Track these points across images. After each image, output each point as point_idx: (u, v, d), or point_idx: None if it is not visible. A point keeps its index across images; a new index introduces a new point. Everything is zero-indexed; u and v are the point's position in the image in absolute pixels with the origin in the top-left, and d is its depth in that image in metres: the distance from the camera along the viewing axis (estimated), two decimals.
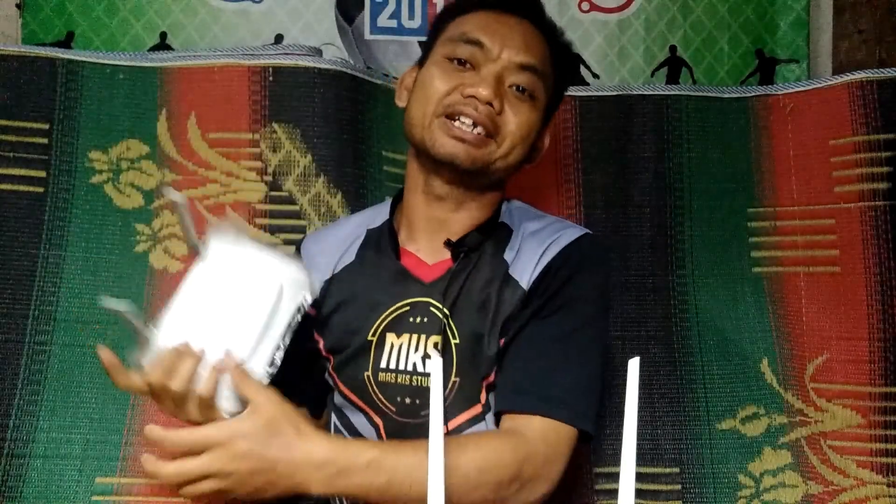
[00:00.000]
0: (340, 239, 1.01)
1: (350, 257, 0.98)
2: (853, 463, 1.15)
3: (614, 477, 1.18)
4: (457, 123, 0.87)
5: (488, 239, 0.93)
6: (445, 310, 0.89)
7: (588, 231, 0.97)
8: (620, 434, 0.52)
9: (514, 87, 0.90)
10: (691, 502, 1.17)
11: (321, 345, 0.97)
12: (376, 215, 1.02)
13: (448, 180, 0.92)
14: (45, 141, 1.18)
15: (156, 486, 1.11)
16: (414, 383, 0.89)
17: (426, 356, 0.89)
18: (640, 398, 0.52)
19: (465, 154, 0.87)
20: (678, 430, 1.19)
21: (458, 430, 0.89)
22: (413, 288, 0.92)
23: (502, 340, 0.88)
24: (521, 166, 0.96)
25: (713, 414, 1.20)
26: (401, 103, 0.98)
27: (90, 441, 1.11)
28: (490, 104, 0.87)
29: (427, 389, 0.87)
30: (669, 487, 1.17)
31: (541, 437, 0.81)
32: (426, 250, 0.95)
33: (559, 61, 0.97)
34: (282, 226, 1.20)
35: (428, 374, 0.87)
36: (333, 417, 1.01)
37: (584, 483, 1.18)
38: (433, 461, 0.46)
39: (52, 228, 1.16)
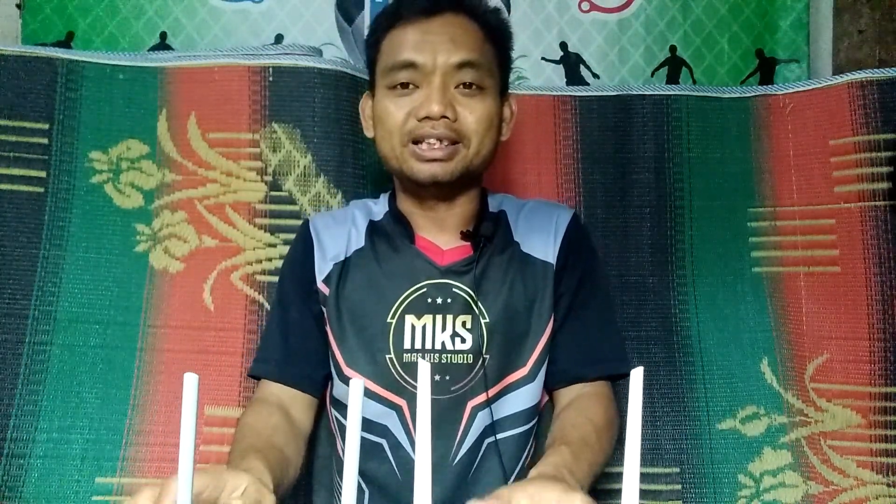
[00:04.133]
0: (347, 224, 1.03)
1: (360, 242, 1.01)
2: (853, 463, 1.15)
3: (614, 477, 1.18)
4: (424, 146, 0.93)
5: (498, 226, 1.01)
6: (471, 291, 0.96)
7: (571, 207, 1.10)
8: (621, 434, 0.52)
9: (461, 86, 0.94)
10: (691, 502, 1.17)
11: (330, 332, 1.00)
12: (375, 207, 1.06)
13: (436, 192, 0.98)
14: (45, 141, 1.18)
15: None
16: (443, 360, 0.95)
17: (455, 335, 0.95)
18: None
19: (443, 170, 0.94)
20: (678, 430, 1.19)
21: (499, 395, 0.96)
22: (429, 270, 0.97)
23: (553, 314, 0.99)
24: (496, 147, 1.00)
25: (713, 414, 1.20)
26: (369, 134, 1.03)
27: (90, 441, 1.11)
28: (445, 116, 0.92)
29: (457, 365, 0.95)
30: (669, 487, 1.17)
31: (610, 392, 0.99)
32: (435, 238, 1.00)
33: (493, 34, 0.99)
34: (282, 226, 1.20)
35: (460, 351, 0.95)
36: (334, 413, 1.01)
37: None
38: (420, 460, 0.46)
39: (52, 228, 1.16)
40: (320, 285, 1.00)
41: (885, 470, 1.15)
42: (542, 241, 1.01)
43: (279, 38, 1.53)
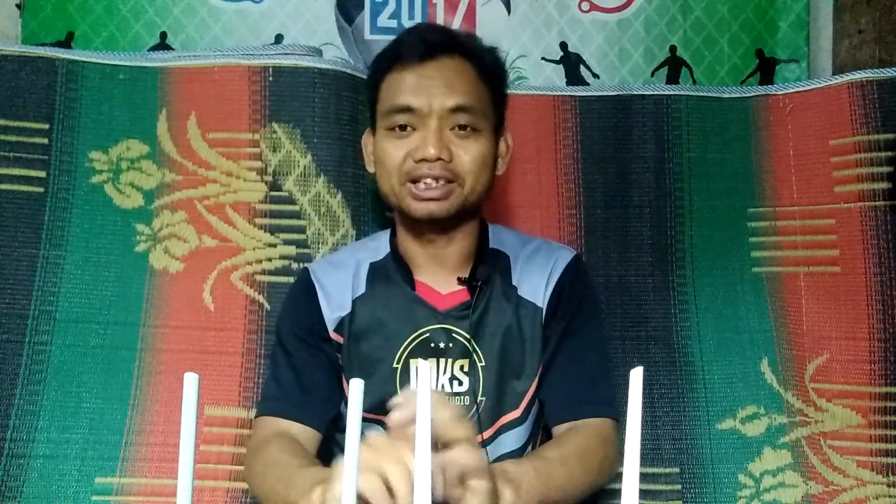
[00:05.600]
0: (348, 271, 1.05)
1: (360, 289, 1.03)
2: (853, 463, 1.15)
3: (614, 477, 1.18)
4: (421, 185, 0.96)
5: (495, 269, 1.03)
6: (468, 336, 0.99)
7: (573, 250, 1.10)
8: (621, 435, 0.52)
9: (456, 127, 0.97)
10: (691, 502, 1.16)
11: (344, 378, 1.02)
12: (374, 248, 1.07)
13: (433, 227, 1.01)
14: (45, 141, 1.18)
15: (156, 486, 1.11)
16: None
17: (453, 378, 0.99)
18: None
19: (439, 208, 0.97)
20: (678, 430, 1.19)
21: (493, 437, 0.99)
22: (430, 316, 1.00)
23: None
24: (492, 183, 1.03)
25: (713, 414, 1.20)
26: (371, 169, 1.06)
27: (90, 441, 1.11)
28: (440, 158, 0.95)
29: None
30: (669, 487, 1.17)
31: (600, 426, 0.96)
32: (435, 281, 1.03)
33: (488, 74, 1.02)
34: (282, 226, 1.20)
35: (457, 394, 0.99)
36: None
37: None
38: (420, 466, 0.46)
39: (52, 228, 1.16)
40: (333, 335, 1.02)
41: (885, 470, 1.15)
42: (537, 285, 1.03)
43: (279, 38, 1.53)
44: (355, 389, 0.46)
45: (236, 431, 1.14)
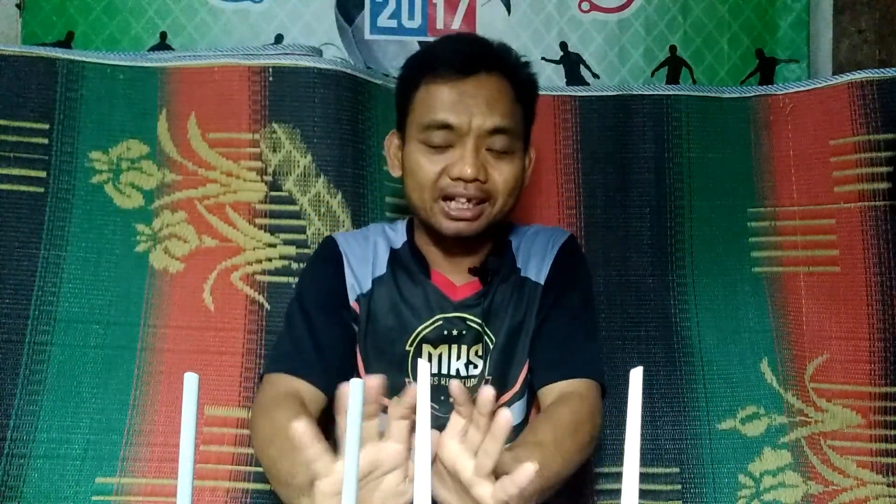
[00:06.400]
0: (369, 250, 1.06)
1: (381, 269, 1.05)
2: (853, 463, 1.15)
3: (614, 477, 1.18)
4: (453, 204, 0.97)
5: (503, 257, 1.06)
6: (481, 321, 1.02)
7: (568, 231, 1.14)
8: (620, 434, 0.52)
9: (492, 148, 0.97)
10: (691, 502, 1.17)
11: (358, 350, 1.04)
12: (393, 237, 1.09)
13: (457, 242, 1.02)
14: (45, 141, 1.18)
15: (156, 486, 1.11)
16: None
17: (469, 362, 1.02)
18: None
19: (468, 228, 0.98)
20: (678, 430, 1.19)
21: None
22: (444, 305, 1.03)
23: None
24: (518, 199, 1.04)
25: (713, 414, 1.20)
26: (395, 173, 1.06)
27: (90, 441, 1.11)
28: (477, 179, 0.95)
29: (469, 388, 1.01)
30: (669, 487, 1.17)
31: (587, 392, 0.96)
32: (450, 272, 1.06)
33: (523, 94, 1.02)
34: (282, 226, 1.20)
35: (472, 376, 1.02)
36: None
37: (584, 482, 1.18)
38: (421, 459, 0.47)
39: (52, 228, 1.16)
40: (353, 304, 1.03)
41: (885, 470, 1.15)
42: (538, 264, 1.06)
43: (279, 38, 1.53)
44: (355, 390, 0.46)
45: (236, 431, 1.14)
